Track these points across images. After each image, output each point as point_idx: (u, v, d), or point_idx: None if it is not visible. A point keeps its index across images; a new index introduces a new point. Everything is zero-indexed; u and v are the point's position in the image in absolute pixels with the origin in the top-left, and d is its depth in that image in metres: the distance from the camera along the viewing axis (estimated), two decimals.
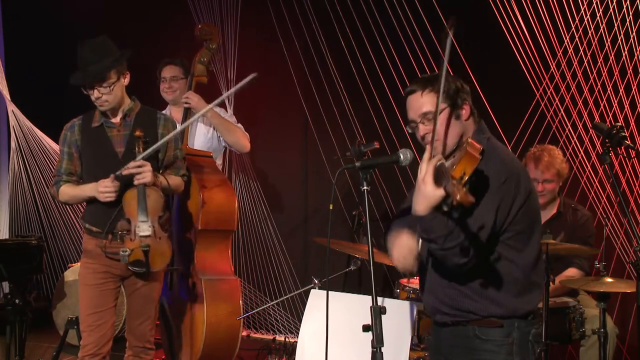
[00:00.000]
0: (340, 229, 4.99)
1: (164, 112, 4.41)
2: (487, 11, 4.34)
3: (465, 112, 2.34)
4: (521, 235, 2.26)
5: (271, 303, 4.64)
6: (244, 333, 4.81)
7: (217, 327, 3.67)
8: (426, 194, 2.06)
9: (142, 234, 3.16)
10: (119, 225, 3.24)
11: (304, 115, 5.31)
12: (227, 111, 4.71)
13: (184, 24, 5.47)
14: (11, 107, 5.51)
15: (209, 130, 4.29)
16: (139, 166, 3.15)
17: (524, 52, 4.31)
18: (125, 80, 3.31)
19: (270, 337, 5.31)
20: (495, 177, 2.20)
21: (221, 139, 4.29)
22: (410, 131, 2.43)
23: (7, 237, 6.01)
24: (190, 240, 3.82)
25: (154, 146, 3.22)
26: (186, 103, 4.13)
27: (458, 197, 1.92)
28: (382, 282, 4.88)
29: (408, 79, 4.68)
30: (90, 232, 3.33)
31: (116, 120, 3.32)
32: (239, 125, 4.35)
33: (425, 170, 2.08)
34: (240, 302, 3.79)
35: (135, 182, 3.16)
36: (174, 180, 3.39)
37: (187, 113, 4.15)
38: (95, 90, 3.21)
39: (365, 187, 2.26)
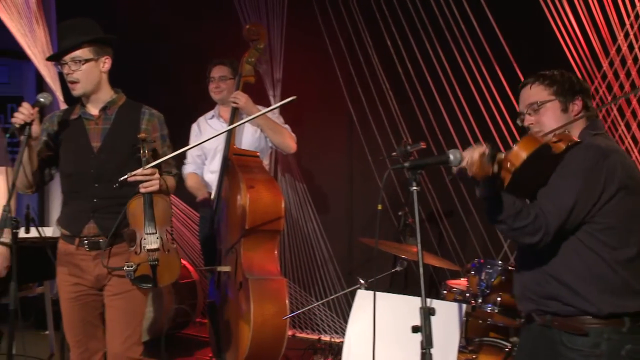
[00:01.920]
0: (386, 230, 4.97)
1: (212, 111, 4.49)
2: (537, 9, 4.26)
3: (576, 107, 2.37)
4: (613, 231, 2.22)
5: (317, 303, 4.64)
6: (290, 333, 4.82)
7: (264, 326, 3.68)
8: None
9: (149, 247, 2.89)
10: (86, 229, 2.96)
11: (349, 115, 5.30)
12: (274, 112, 4.73)
13: (230, 24, 5.52)
14: (64, 108, 5.64)
15: (256, 130, 4.32)
16: (148, 174, 2.88)
17: (575, 50, 4.22)
18: (104, 66, 3.01)
19: (316, 337, 5.32)
20: (581, 161, 2.21)
21: (268, 139, 4.31)
22: (520, 124, 2.46)
23: (58, 234, 6.15)
24: (237, 240, 3.84)
25: (168, 156, 2.99)
26: (234, 103, 4.17)
27: (473, 170, 2.10)
28: (428, 283, 4.85)
29: (455, 78, 4.63)
30: (63, 236, 3.08)
31: (95, 112, 3.04)
32: (286, 126, 4.37)
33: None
34: (287, 302, 3.79)
35: (142, 191, 2.89)
36: (170, 182, 3.09)
37: (235, 112, 4.18)
38: (66, 66, 2.95)
39: (414, 188, 2.25)
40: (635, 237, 2.25)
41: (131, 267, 2.86)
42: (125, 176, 2.84)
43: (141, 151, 2.89)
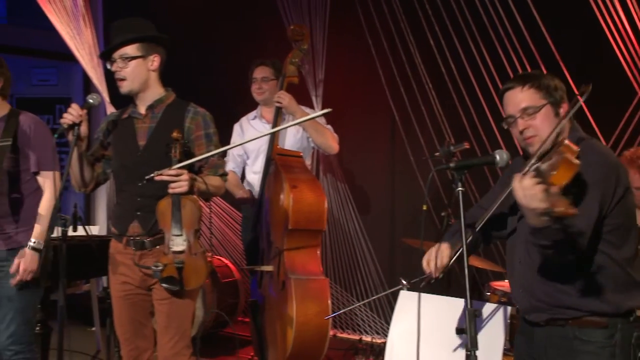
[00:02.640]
0: (428, 230, 4.93)
1: (254, 111, 4.52)
2: (585, 7, 4.17)
3: (563, 109, 2.34)
4: (619, 231, 2.24)
5: (360, 303, 4.63)
6: (331, 333, 4.82)
7: (306, 326, 3.68)
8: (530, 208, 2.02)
9: (175, 249, 2.85)
10: (130, 228, 2.98)
11: (391, 115, 5.28)
12: (315, 111, 4.74)
13: (273, 25, 5.55)
14: (110, 110, 5.77)
15: (298, 130, 4.33)
16: (176, 174, 2.83)
17: (626, 50, 4.12)
18: (153, 65, 3.01)
19: (357, 337, 5.31)
20: (597, 170, 2.19)
21: (310, 139, 4.32)
22: (506, 127, 2.41)
23: (105, 233, 6.27)
24: (280, 239, 3.86)
25: (196, 158, 2.92)
26: (278, 103, 4.18)
27: (558, 209, 1.92)
28: (471, 285, 4.78)
29: (499, 77, 4.57)
30: (113, 234, 3.10)
31: (143, 111, 3.05)
32: (328, 126, 4.37)
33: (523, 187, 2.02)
34: (329, 302, 3.79)
35: (170, 191, 2.84)
36: (213, 182, 3.00)
37: (279, 113, 4.20)
38: (115, 63, 2.97)
39: (459, 188, 2.22)
40: (631, 234, 2.28)
41: (158, 267, 2.83)
42: (152, 174, 2.82)
43: (172, 151, 2.86)
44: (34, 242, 3.20)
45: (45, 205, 3.29)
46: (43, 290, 3.47)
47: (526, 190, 1.99)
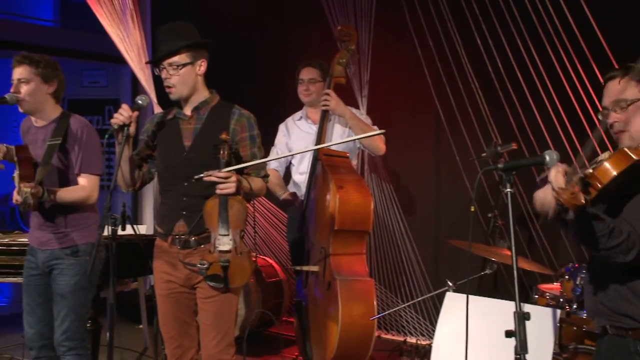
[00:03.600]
0: (474, 231, 4.88)
1: (300, 112, 4.53)
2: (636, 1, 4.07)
3: None
4: None
5: (405, 304, 4.60)
6: (375, 333, 4.81)
7: (352, 327, 3.68)
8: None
9: (221, 248, 2.90)
10: (176, 227, 3.03)
11: (437, 115, 5.23)
12: (361, 112, 4.73)
13: (318, 25, 5.56)
14: (157, 110, 5.85)
15: (344, 130, 4.33)
16: (225, 177, 2.88)
17: None
18: (200, 69, 3.05)
19: (401, 338, 5.28)
20: None
21: (357, 140, 4.31)
22: (600, 118, 2.31)
23: (151, 232, 6.37)
24: (326, 240, 3.86)
25: (245, 164, 2.98)
26: (324, 105, 4.17)
27: (563, 196, 1.95)
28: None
29: (548, 76, 4.49)
30: (158, 233, 3.16)
31: (188, 112, 3.09)
32: (374, 127, 4.36)
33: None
34: (375, 303, 3.77)
35: (217, 192, 2.89)
36: (257, 183, 3.07)
37: (325, 114, 4.19)
38: (164, 70, 3.01)
39: (508, 190, 2.19)
40: None
41: (204, 265, 2.89)
42: (202, 175, 2.87)
43: (221, 152, 2.90)
44: (45, 195, 3.23)
45: (77, 191, 3.34)
46: (96, 289, 3.54)
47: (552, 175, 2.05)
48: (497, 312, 2.93)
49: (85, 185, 3.35)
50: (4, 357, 5.03)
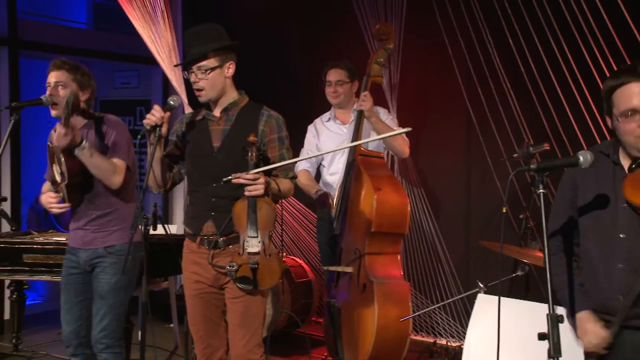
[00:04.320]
0: (506, 233, 4.82)
1: (328, 113, 4.53)
2: None
3: None
4: None
5: (435, 305, 4.57)
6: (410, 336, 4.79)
7: (387, 329, 3.64)
8: None
9: (250, 250, 2.92)
10: (205, 228, 3.05)
11: (467, 115, 5.19)
12: (390, 113, 4.71)
13: (348, 26, 5.56)
14: (188, 111, 5.90)
15: (372, 134, 4.32)
16: (253, 179, 2.89)
17: None
18: (229, 72, 3.05)
19: (431, 340, 5.25)
20: None
21: (382, 142, 4.29)
22: (621, 120, 2.26)
23: (182, 232, 6.42)
24: (361, 241, 3.82)
25: (273, 165, 2.99)
26: (361, 105, 4.13)
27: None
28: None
29: (581, 76, 4.42)
30: (187, 234, 3.19)
31: (217, 113, 3.10)
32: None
33: None
34: (410, 305, 3.75)
35: (246, 194, 2.90)
36: (285, 184, 3.06)
37: (361, 114, 4.15)
38: (193, 74, 3.02)
39: (541, 190, 2.16)
40: None
41: (233, 267, 2.91)
42: (230, 177, 2.87)
43: (249, 154, 2.91)
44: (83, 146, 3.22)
45: (109, 163, 3.30)
46: (134, 289, 3.59)
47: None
48: (529, 314, 2.90)
49: (115, 163, 3.36)
50: (39, 353, 5.12)
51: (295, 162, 3.12)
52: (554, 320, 2.02)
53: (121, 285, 3.40)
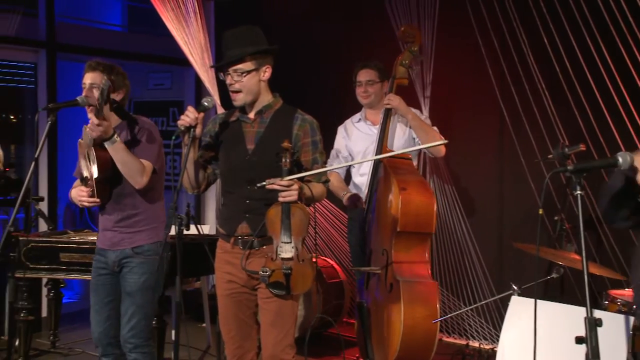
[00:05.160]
0: (540, 234, 4.76)
1: (358, 114, 4.52)
2: None
3: None
4: None
5: (468, 308, 4.53)
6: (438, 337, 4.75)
7: (414, 329, 3.64)
8: None
9: (283, 255, 2.92)
10: (239, 229, 3.06)
11: (501, 115, 5.13)
12: (422, 113, 4.69)
13: (380, 26, 5.54)
14: (221, 112, 5.94)
15: (405, 132, 4.31)
16: (287, 185, 2.89)
17: None
18: (265, 75, 3.06)
19: (463, 342, 5.21)
20: None
21: (416, 140, 4.28)
22: None
23: (214, 232, 6.46)
24: (388, 241, 3.84)
25: (307, 173, 3.00)
26: (387, 105, 4.16)
27: None
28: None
29: (618, 74, 4.35)
30: (220, 234, 3.21)
31: (251, 115, 3.11)
32: (435, 128, 4.32)
33: None
34: (437, 305, 3.73)
35: (280, 200, 2.91)
36: (317, 189, 3.07)
37: (388, 114, 4.17)
38: (229, 76, 3.03)
39: (578, 192, 2.13)
40: None
41: (266, 272, 2.92)
42: (264, 182, 2.89)
43: (282, 160, 2.92)
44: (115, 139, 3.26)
45: (138, 162, 3.33)
46: (162, 289, 3.62)
47: None
48: (565, 317, 2.86)
49: (143, 163, 3.39)
50: (75, 351, 5.20)
51: (320, 163, 3.11)
52: (592, 324, 1.99)
53: (149, 285, 3.43)
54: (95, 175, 3.30)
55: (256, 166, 3.03)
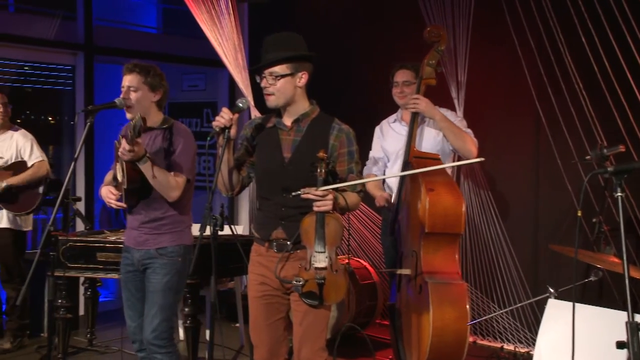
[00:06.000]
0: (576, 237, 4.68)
1: (394, 115, 4.51)
2: None
3: None
4: None
5: (503, 310, 4.49)
6: (471, 339, 4.71)
7: (443, 331, 3.60)
8: None
9: (317, 265, 2.93)
10: (274, 234, 3.07)
11: (537, 116, 5.07)
12: (457, 114, 4.65)
13: (415, 26, 5.50)
14: (255, 113, 5.97)
15: (438, 133, 4.27)
16: (322, 195, 2.89)
17: None
18: (301, 81, 3.04)
19: (498, 345, 5.16)
20: None
21: (449, 143, 4.24)
22: None
23: (247, 232, 6.50)
24: (417, 242, 3.81)
25: (342, 184, 3.00)
26: (413, 108, 4.13)
27: None
28: (630, 296, 4.50)
29: None
30: (255, 238, 3.21)
31: (288, 123, 3.10)
32: (468, 130, 4.26)
33: None
34: (467, 307, 3.69)
35: (314, 209, 2.92)
36: (352, 199, 3.06)
37: (415, 116, 4.15)
38: (264, 79, 3.03)
39: (619, 194, 2.09)
40: None
41: (299, 282, 2.93)
42: (299, 192, 2.90)
43: (318, 170, 2.92)
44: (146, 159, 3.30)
45: (170, 178, 3.38)
46: (183, 291, 3.65)
47: None
48: (604, 321, 2.81)
49: (175, 179, 3.43)
50: (112, 349, 5.28)
51: (355, 172, 3.11)
52: (634, 329, 1.95)
53: (171, 286, 3.46)
54: (125, 186, 3.36)
55: (292, 175, 3.04)
